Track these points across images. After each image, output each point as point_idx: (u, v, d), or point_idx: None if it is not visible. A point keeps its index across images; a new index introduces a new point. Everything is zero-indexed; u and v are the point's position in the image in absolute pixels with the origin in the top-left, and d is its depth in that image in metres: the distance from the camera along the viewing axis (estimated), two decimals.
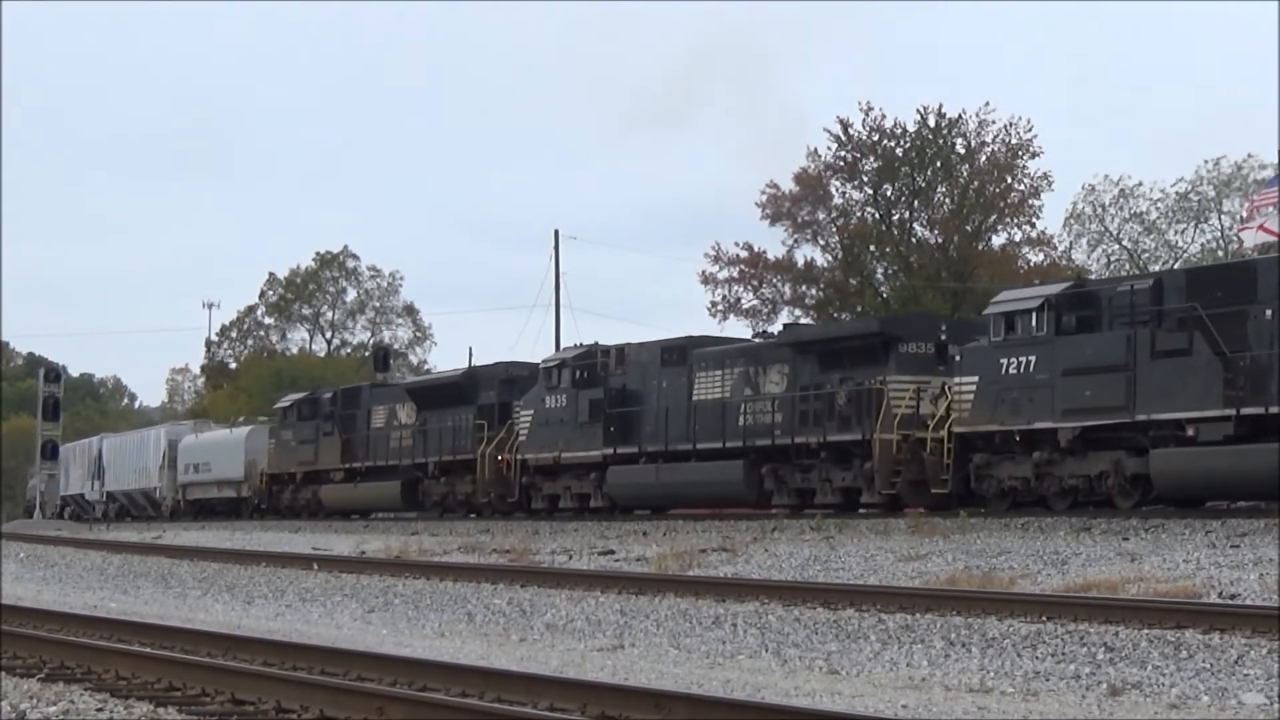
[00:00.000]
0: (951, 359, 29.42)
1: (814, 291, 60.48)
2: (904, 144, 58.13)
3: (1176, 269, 32.85)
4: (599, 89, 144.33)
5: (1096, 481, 26.19)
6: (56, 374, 79.53)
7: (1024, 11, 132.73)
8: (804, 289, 60.60)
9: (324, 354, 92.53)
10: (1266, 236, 36.77)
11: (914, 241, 59.56)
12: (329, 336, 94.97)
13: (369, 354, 78.49)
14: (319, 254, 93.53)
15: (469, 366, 44.83)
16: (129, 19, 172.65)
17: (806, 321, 46.87)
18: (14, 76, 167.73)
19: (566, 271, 74.33)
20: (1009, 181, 57.85)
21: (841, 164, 58.75)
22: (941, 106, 58.05)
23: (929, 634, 15.12)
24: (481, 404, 40.92)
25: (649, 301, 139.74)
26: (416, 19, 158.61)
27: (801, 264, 60.09)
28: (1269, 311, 23.97)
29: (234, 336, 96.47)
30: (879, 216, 59.55)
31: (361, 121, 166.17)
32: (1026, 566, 20.57)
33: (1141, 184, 61.39)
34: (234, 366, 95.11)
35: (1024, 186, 57.79)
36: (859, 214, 59.77)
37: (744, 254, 59.54)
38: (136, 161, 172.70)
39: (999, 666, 13.29)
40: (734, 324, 59.06)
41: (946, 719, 10.87)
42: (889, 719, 10.56)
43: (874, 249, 59.66)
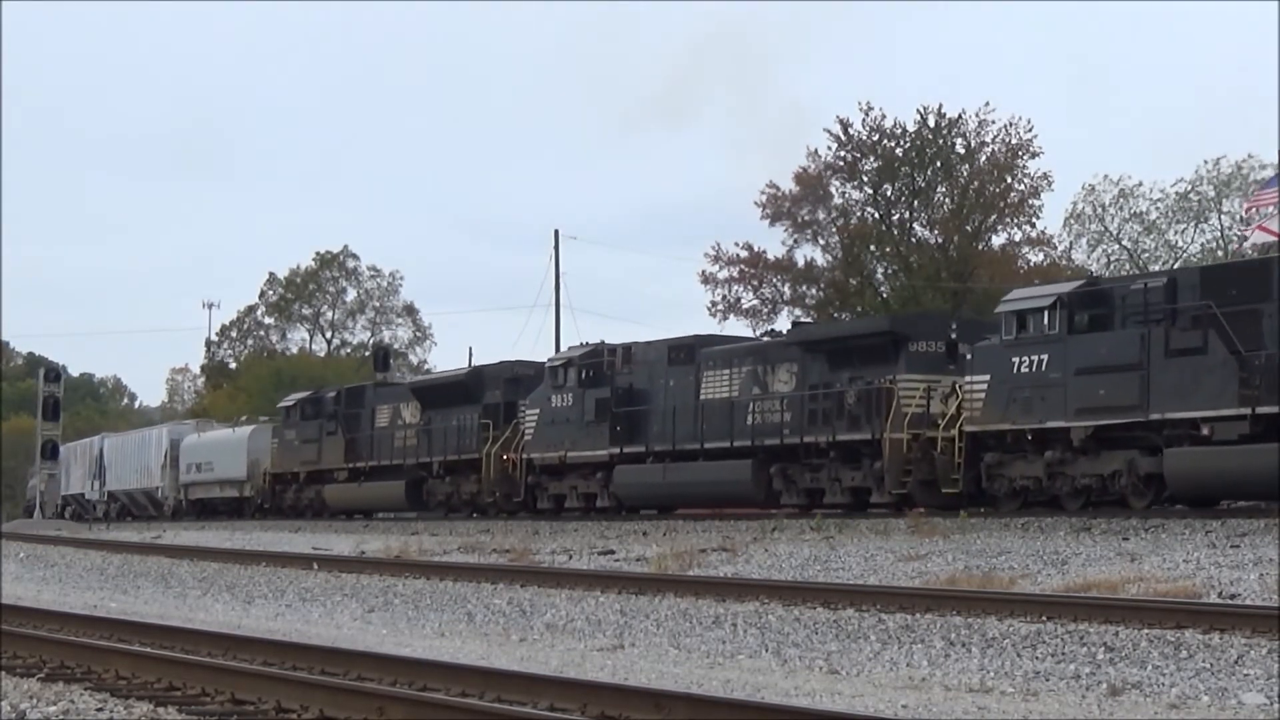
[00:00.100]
0: (962, 358, 29.22)
1: (814, 291, 60.50)
2: (904, 144, 58.15)
3: (1190, 267, 32.49)
4: (599, 89, 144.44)
5: (1109, 481, 26.03)
6: (56, 374, 79.52)
7: (1024, 11, 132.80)
8: (804, 289, 60.63)
9: (324, 354, 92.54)
10: (1267, 236, 36.77)
11: (914, 241, 59.56)
12: (329, 336, 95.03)
13: (369, 354, 78.49)
14: (319, 254, 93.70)
15: (474, 365, 44.58)
16: (129, 19, 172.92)
17: (807, 321, 46.63)
18: (14, 76, 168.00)
19: (566, 271, 74.50)
20: (1009, 181, 57.86)
21: (841, 164, 58.78)
22: (941, 106, 58.19)
23: (929, 634, 15.11)
24: (486, 403, 40.79)
25: (649, 301, 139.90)
26: (416, 19, 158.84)
27: (801, 264, 60.18)
28: None
29: (234, 336, 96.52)
30: (879, 216, 59.55)
31: (361, 121, 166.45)
32: (1026, 566, 20.56)
33: (1141, 184, 61.47)
34: (234, 366, 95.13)
35: (1024, 186, 57.84)
36: (859, 214, 59.78)
37: (744, 254, 59.62)
38: (136, 161, 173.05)
39: (999, 666, 13.28)
40: (734, 324, 59.08)
41: (946, 719, 10.87)
42: (889, 719, 10.56)
43: (874, 249, 59.66)
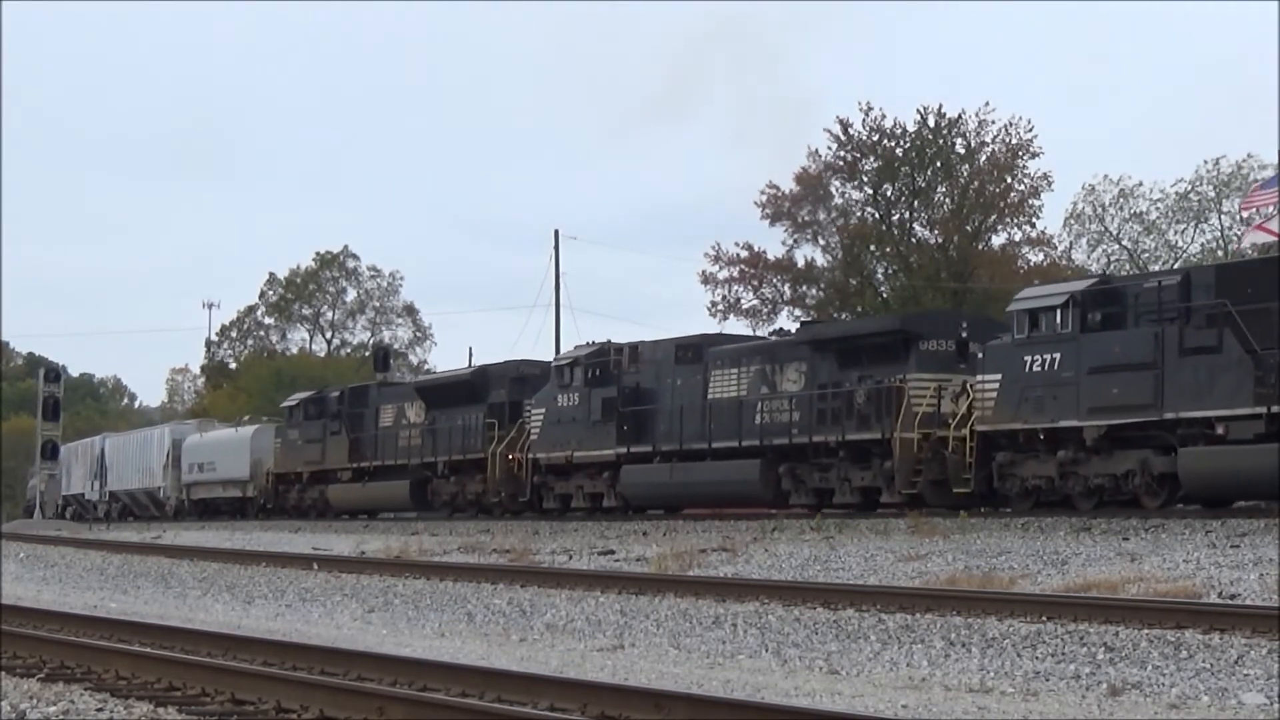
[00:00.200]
0: (973, 356, 29.12)
1: (814, 291, 60.49)
2: (904, 144, 58.15)
3: (1205, 265, 32.29)
4: (598, 89, 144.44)
5: (1122, 481, 25.88)
6: (56, 374, 79.46)
7: (1024, 11, 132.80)
8: (804, 289, 60.63)
9: (324, 354, 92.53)
10: (1266, 236, 36.74)
11: (914, 241, 59.56)
12: (329, 336, 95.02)
13: (369, 354, 78.48)
14: (319, 254, 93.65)
15: (479, 365, 44.30)
16: (129, 19, 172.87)
17: (816, 320, 46.41)
18: (14, 76, 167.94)
19: (566, 271, 74.46)
20: (1009, 181, 57.85)
21: (841, 164, 58.78)
22: (941, 106, 58.17)
23: (929, 634, 15.11)
24: (492, 402, 40.61)
25: (649, 301, 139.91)
26: (416, 19, 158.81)
27: (801, 264, 60.18)
28: None
29: (234, 336, 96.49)
30: (879, 216, 59.55)
31: (361, 121, 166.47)
32: (1026, 566, 20.56)
33: (1141, 184, 61.45)
34: (234, 366, 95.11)
35: (1024, 186, 57.83)
36: (859, 214, 59.79)
37: (744, 254, 59.61)
38: (136, 161, 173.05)
39: (999, 666, 13.28)
40: (733, 324, 59.07)
41: (946, 719, 10.87)
42: (889, 719, 10.56)
43: (874, 249, 59.65)
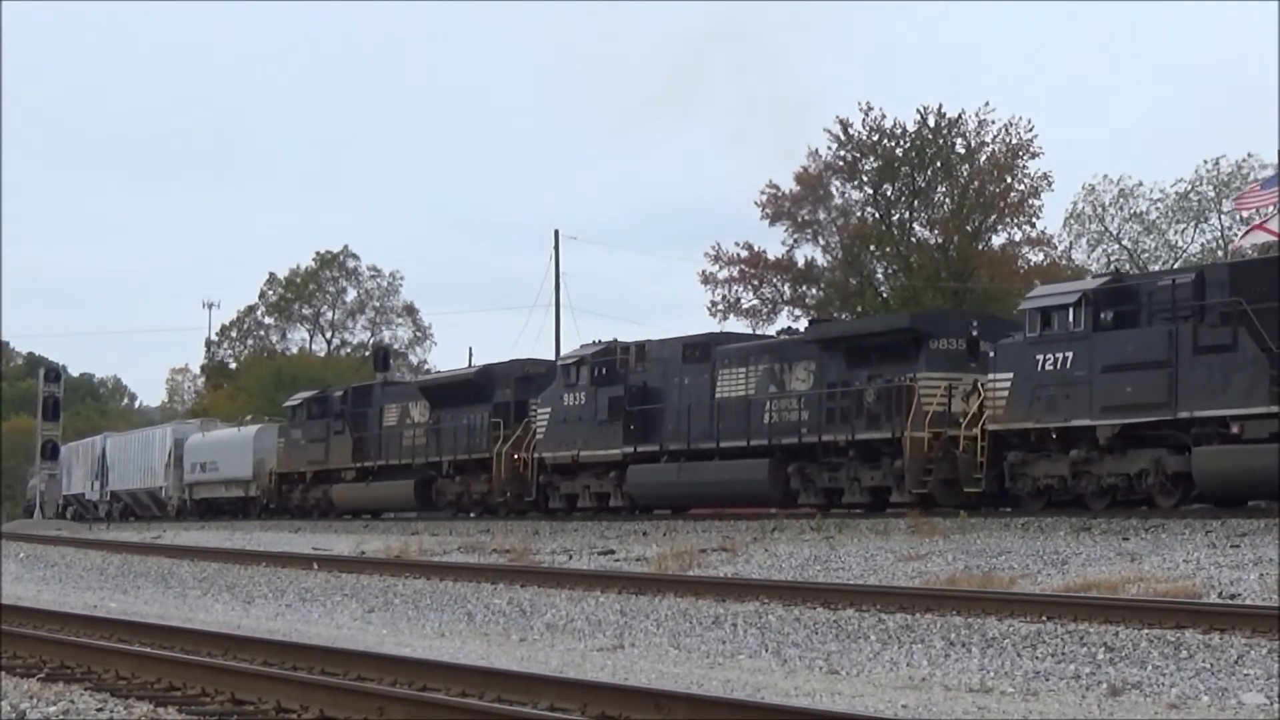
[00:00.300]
0: (984, 355, 28.98)
1: (814, 291, 60.50)
2: (904, 144, 58.16)
3: (1219, 263, 32.07)
4: (599, 89, 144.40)
5: (1136, 480, 25.74)
6: (56, 374, 79.45)
7: (1024, 11, 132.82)
8: (804, 289, 60.62)
9: (324, 354, 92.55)
10: (1266, 236, 36.72)
11: (914, 241, 59.56)
12: (329, 336, 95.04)
13: (369, 354, 78.48)
14: (319, 254, 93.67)
15: (484, 364, 44.10)
16: (129, 19, 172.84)
17: (825, 319, 46.26)
18: (14, 76, 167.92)
19: (566, 271, 74.42)
20: (1009, 181, 57.85)
21: (841, 164, 58.78)
22: (941, 106, 58.17)
23: (929, 634, 15.11)
24: (497, 401, 40.46)
25: (649, 301, 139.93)
26: (416, 19, 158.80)
27: (801, 264, 60.15)
28: None
29: (234, 336, 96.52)
30: (879, 216, 59.55)
31: (361, 121, 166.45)
32: (1026, 566, 20.56)
33: (1141, 184, 61.46)
34: (234, 366, 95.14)
35: (1024, 186, 57.83)
36: (859, 214, 59.79)
37: (744, 254, 59.60)
38: (136, 161, 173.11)
39: (999, 666, 13.28)
40: (733, 324, 59.06)
41: (946, 719, 10.87)
42: (889, 719, 10.56)
43: (874, 249, 59.65)
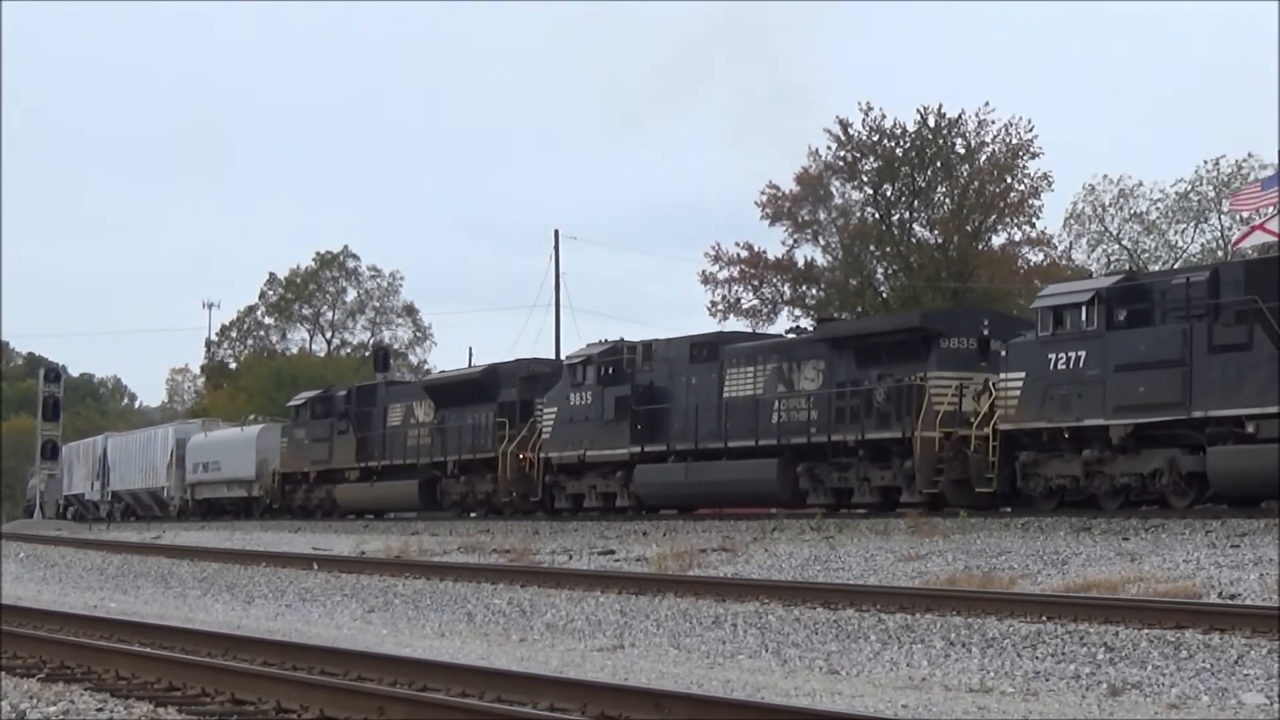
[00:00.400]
0: (995, 354, 28.78)
1: (814, 291, 60.50)
2: (904, 144, 58.15)
3: (1234, 261, 31.91)
4: (599, 88, 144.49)
5: (1149, 480, 25.57)
6: (56, 374, 79.42)
7: (1024, 11, 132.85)
8: (804, 289, 60.62)
9: (324, 354, 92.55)
10: (1266, 237, 36.71)
11: (914, 241, 59.55)
12: (329, 336, 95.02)
13: (369, 354, 78.49)
14: (319, 254, 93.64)
15: (490, 363, 43.81)
16: (129, 19, 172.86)
17: (824, 318, 46.16)
18: (14, 76, 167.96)
19: (566, 271, 74.37)
20: (1009, 181, 57.84)
21: (841, 164, 58.78)
22: (941, 106, 58.14)
23: (929, 634, 15.11)
24: (502, 401, 40.30)
25: (649, 301, 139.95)
26: (416, 19, 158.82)
27: (801, 264, 60.14)
28: None
29: (234, 336, 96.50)
30: (879, 216, 59.54)
31: (361, 121, 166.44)
32: (1026, 566, 20.57)
33: (1141, 184, 61.45)
34: (234, 366, 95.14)
35: (1024, 186, 57.82)
36: (859, 214, 59.78)
37: (744, 254, 59.59)
38: (136, 161, 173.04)
39: (999, 666, 13.29)
40: (733, 323, 59.06)
41: (946, 719, 10.87)
42: (889, 719, 10.56)
43: (874, 249, 59.64)
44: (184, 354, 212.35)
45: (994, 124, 57.33)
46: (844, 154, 58.52)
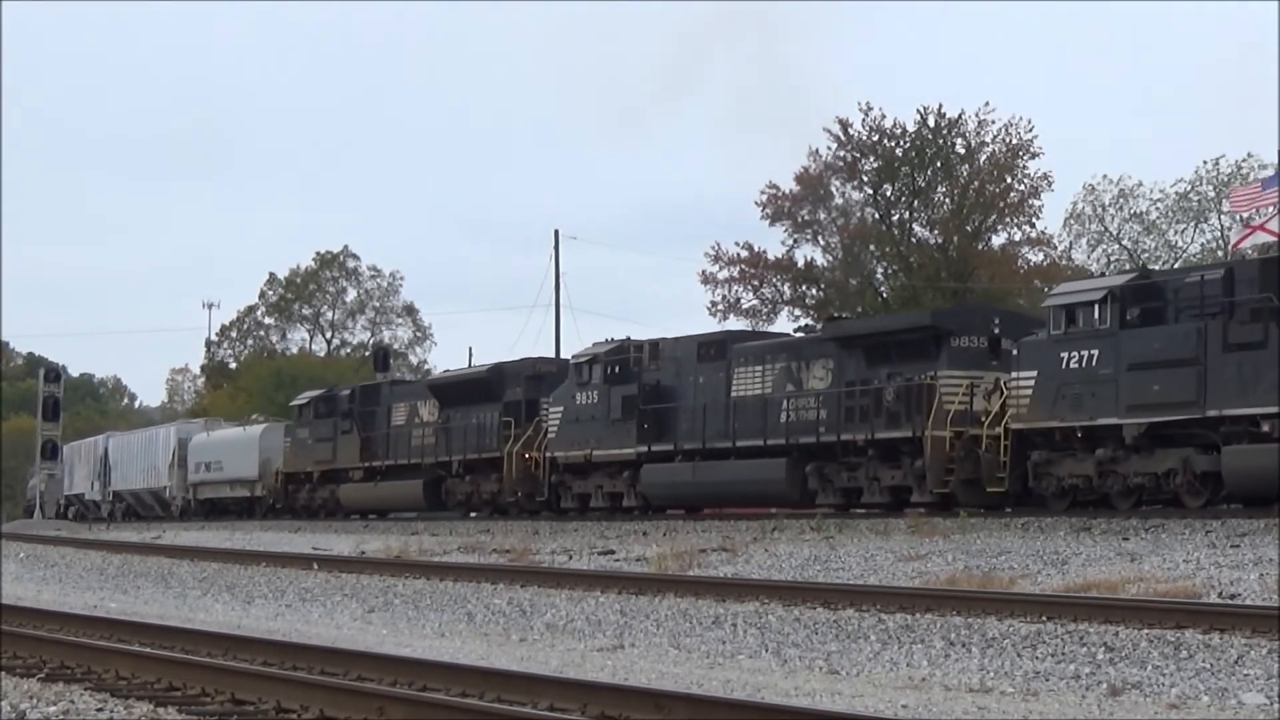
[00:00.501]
0: (1006, 353, 28.66)
1: (814, 291, 60.50)
2: (904, 144, 58.16)
3: (1249, 259, 31.78)
4: (599, 88, 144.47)
5: (1163, 480, 25.44)
6: (56, 374, 79.41)
7: (1024, 11, 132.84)
8: (804, 289, 60.62)
9: (324, 354, 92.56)
10: (1266, 237, 36.70)
11: (914, 241, 59.56)
12: (329, 336, 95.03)
13: (369, 354, 78.48)
14: (319, 254, 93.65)
15: (494, 362, 43.57)
16: (129, 19, 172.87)
17: (832, 317, 46.06)
18: (14, 76, 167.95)
19: (566, 271, 74.39)
20: (1009, 181, 57.84)
21: (841, 164, 58.78)
22: (941, 106, 58.16)
23: (929, 634, 15.11)
24: (508, 400, 40.17)
25: (649, 301, 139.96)
26: (416, 19, 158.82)
27: (801, 264, 60.14)
28: None
29: (234, 336, 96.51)
30: (879, 216, 59.55)
31: (361, 121, 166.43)
32: (1026, 566, 20.57)
33: (1141, 184, 61.47)
34: (234, 366, 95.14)
35: (1024, 186, 57.82)
36: (859, 214, 59.78)
37: (744, 254, 59.59)
38: (136, 161, 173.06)
39: (999, 666, 13.29)
40: (733, 323, 59.05)
41: (946, 719, 10.87)
42: (889, 719, 10.56)
43: (874, 249, 59.65)
44: (184, 354, 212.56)
45: (994, 124, 57.45)
46: (844, 154, 58.58)
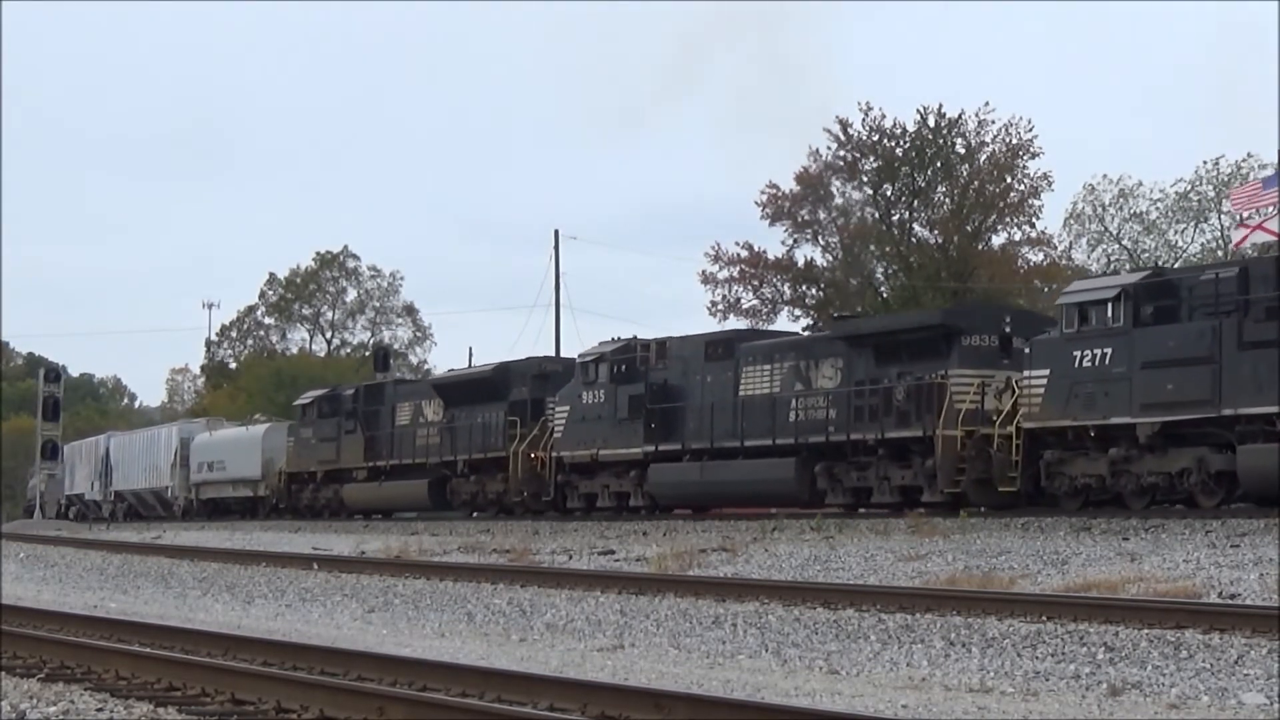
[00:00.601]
0: (1018, 352, 28.53)
1: (814, 291, 60.50)
2: (904, 144, 58.16)
3: (1264, 257, 31.71)
4: (598, 88, 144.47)
5: (1177, 479, 25.27)
6: (56, 374, 79.43)
7: (1024, 11, 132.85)
8: (804, 289, 60.62)
9: (324, 354, 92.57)
10: (1267, 236, 36.70)
11: (914, 241, 59.55)
12: (329, 336, 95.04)
13: (369, 354, 78.48)
14: (319, 254, 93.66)
15: (500, 361, 43.40)
16: (129, 19, 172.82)
17: (852, 315, 45.92)
18: (14, 76, 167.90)
19: (566, 271, 74.38)
20: (1009, 181, 57.84)
21: (841, 164, 58.78)
22: (941, 106, 58.15)
23: (929, 634, 15.11)
24: (513, 400, 40.06)
25: (649, 301, 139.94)
26: (416, 19, 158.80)
27: (801, 264, 60.13)
28: None
29: (234, 336, 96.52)
30: (879, 216, 59.55)
31: (361, 121, 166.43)
32: (1026, 566, 20.57)
33: (1141, 184, 61.47)
34: (234, 366, 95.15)
35: (1024, 186, 57.81)
36: (859, 214, 59.78)
37: (744, 254, 59.59)
38: (136, 161, 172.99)
39: (999, 666, 13.29)
40: (733, 323, 59.05)
41: (946, 719, 10.87)
42: (889, 719, 10.56)
43: (874, 249, 59.65)
44: (184, 354, 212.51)
45: (994, 124, 57.42)
46: (844, 154, 58.57)
